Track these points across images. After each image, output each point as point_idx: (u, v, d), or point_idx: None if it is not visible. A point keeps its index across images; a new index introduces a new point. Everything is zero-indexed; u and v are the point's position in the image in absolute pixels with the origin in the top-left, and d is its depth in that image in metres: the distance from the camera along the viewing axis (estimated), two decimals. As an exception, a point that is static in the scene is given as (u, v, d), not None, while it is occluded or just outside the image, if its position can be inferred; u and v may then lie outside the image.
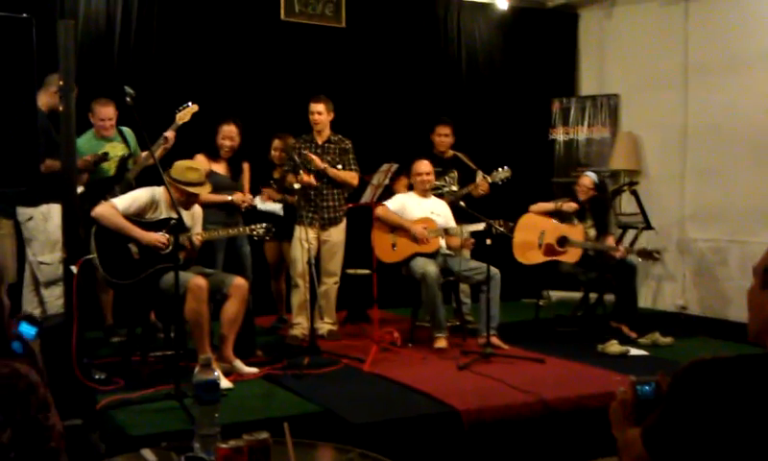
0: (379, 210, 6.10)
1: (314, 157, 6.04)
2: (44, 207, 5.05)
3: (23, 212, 5.19)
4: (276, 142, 6.60)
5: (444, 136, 6.74)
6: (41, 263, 5.07)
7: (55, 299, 5.05)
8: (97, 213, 4.73)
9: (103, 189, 5.50)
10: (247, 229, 5.21)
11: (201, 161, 5.53)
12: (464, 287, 6.50)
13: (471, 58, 8.51)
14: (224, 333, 4.89)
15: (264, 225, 5.17)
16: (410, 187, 6.39)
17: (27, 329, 2.17)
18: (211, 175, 5.52)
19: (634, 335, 6.19)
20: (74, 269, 4.51)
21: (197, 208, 5.09)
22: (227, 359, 4.87)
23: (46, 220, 5.06)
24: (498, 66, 8.62)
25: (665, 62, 7.89)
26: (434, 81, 8.21)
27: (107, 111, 5.68)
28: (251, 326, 5.41)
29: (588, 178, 6.54)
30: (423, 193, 6.20)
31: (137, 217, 4.82)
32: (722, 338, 6.35)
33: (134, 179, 5.64)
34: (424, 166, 6.21)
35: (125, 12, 6.83)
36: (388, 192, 6.47)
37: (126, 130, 5.84)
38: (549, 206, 6.53)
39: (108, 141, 5.70)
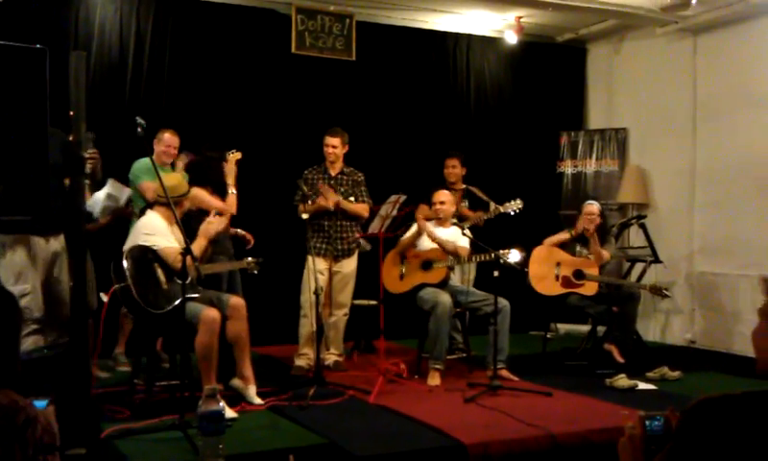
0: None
1: (329, 191, 6.05)
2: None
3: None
4: None
5: (451, 168, 6.86)
6: None
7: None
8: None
9: None
10: (244, 262, 5.32)
11: (203, 194, 5.51)
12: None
13: (480, 91, 8.56)
14: (237, 354, 4.92)
15: (252, 259, 5.30)
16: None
17: (38, 403, 2.16)
18: None
19: (622, 360, 6.18)
20: (104, 297, 4.52)
21: None
22: (244, 378, 4.92)
23: (14, 251, 5.02)
24: (507, 99, 8.67)
25: (674, 96, 7.92)
26: (443, 113, 8.27)
27: (174, 140, 5.97)
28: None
29: (594, 206, 6.60)
30: (441, 222, 6.17)
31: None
32: (731, 372, 6.30)
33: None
34: (440, 196, 6.22)
35: (138, 45, 6.92)
36: (402, 222, 6.51)
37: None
38: (563, 236, 6.57)
39: (164, 170, 5.79)
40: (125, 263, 4.67)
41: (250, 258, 5.34)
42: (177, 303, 4.61)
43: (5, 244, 5.03)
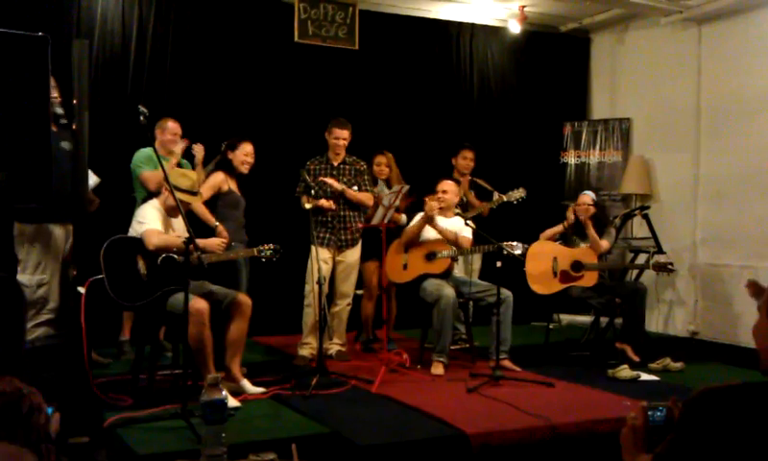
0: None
1: (332, 180, 6.06)
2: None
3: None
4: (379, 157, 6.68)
5: (469, 160, 6.92)
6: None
7: (31, 326, 4.84)
8: (152, 244, 4.74)
9: None
10: (255, 250, 5.21)
11: (221, 179, 5.58)
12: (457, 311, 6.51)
13: (484, 80, 8.53)
14: (229, 353, 4.89)
15: (272, 245, 5.18)
16: None
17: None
18: (230, 193, 5.67)
19: (637, 359, 6.12)
20: (81, 290, 4.51)
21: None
22: (234, 378, 4.86)
23: (35, 240, 5.01)
24: (510, 89, 8.64)
25: (678, 86, 7.89)
26: (446, 103, 8.24)
27: (177, 127, 5.95)
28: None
29: (587, 195, 6.56)
30: (443, 212, 6.17)
31: None
32: (733, 364, 6.30)
33: None
34: (443, 185, 6.20)
35: (140, 33, 6.90)
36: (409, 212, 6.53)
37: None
38: (558, 229, 6.55)
39: (166, 160, 5.78)
40: (101, 254, 4.64)
41: (264, 245, 5.17)
42: (155, 295, 4.63)
43: (24, 233, 5.05)
